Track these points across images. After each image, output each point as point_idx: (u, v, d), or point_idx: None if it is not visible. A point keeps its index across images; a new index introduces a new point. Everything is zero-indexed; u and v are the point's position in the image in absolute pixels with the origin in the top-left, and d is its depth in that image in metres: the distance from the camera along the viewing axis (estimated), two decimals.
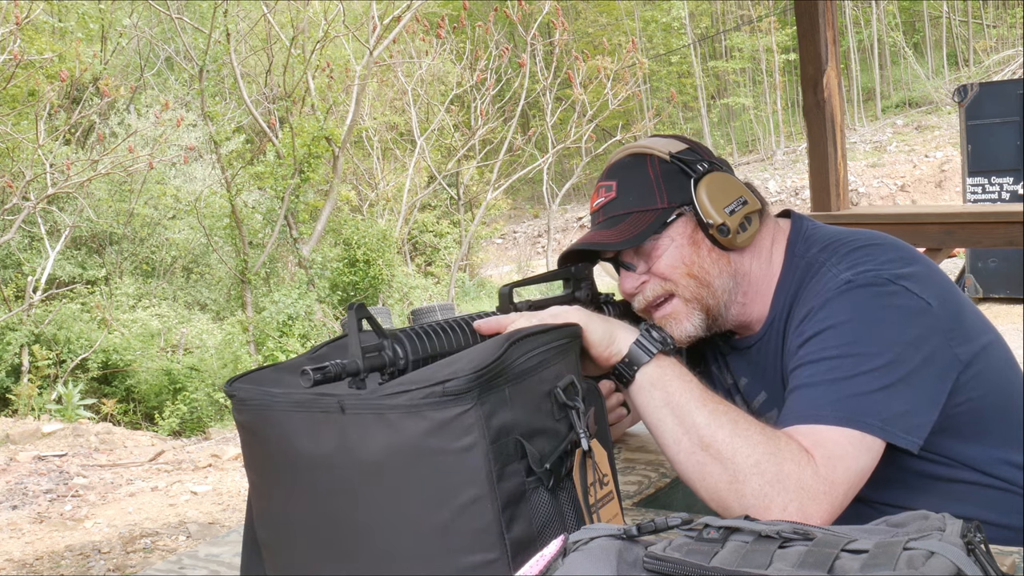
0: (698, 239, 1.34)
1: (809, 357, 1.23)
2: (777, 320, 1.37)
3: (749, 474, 1.11)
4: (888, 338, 1.21)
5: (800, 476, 1.11)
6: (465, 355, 0.95)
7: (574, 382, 1.01)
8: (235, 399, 1.00)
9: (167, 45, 12.62)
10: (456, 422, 0.89)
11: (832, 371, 1.20)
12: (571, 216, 23.53)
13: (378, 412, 0.90)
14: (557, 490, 0.96)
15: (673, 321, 1.35)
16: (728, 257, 1.35)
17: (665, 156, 1.35)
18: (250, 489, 1.05)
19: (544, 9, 13.81)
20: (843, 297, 1.25)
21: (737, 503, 1.12)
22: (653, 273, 1.35)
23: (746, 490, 1.11)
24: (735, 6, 25.77)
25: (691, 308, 1.35)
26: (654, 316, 1.37)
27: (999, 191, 8.55)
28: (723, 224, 1.32)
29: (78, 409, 8.16)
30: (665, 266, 1.34)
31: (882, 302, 1.23)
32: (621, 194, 1.35)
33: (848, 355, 1.20)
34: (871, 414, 1.16)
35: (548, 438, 0.97)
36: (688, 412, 1.15)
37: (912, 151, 20.20)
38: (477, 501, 0.89)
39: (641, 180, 1.35)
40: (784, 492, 1.10)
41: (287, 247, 11.56)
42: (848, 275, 1.27)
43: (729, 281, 1.36)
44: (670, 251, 1.33)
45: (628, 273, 1.37)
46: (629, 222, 1.33)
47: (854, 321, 1.22)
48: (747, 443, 1.12)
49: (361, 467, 0.91)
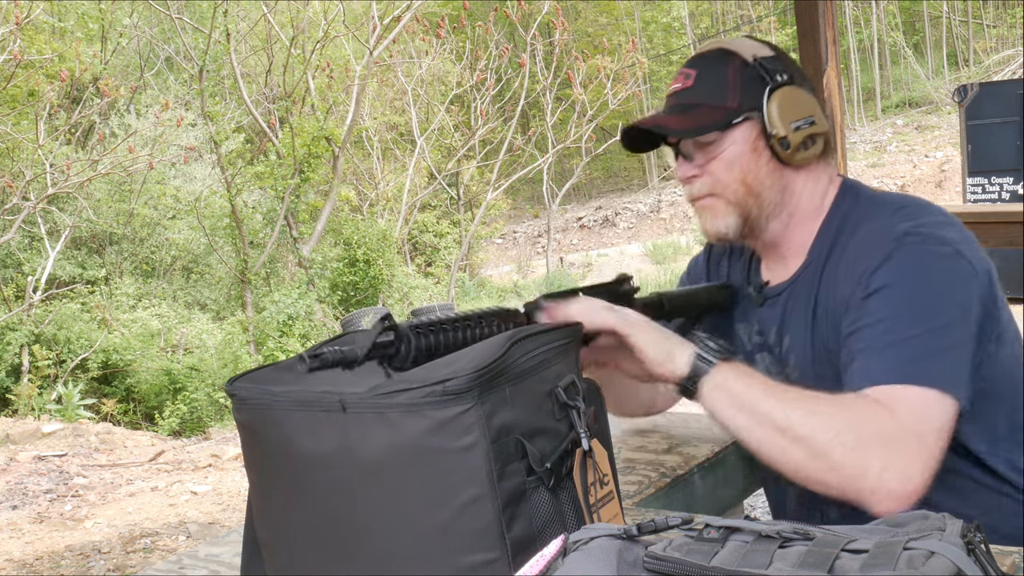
0: (759, 147, 1.34)
1: (875, 315, 1.23)
2: (814, 264, 1.37)
3: (832, 447, 1.12)
4: (948, 299, 1.22)
5: (882, 430, 1.12)
6: (466, 354, 0.95)
7: (575, 382, 1.01)
8: (235, 398, 1.00)
9: (167, 45, 12.62)
10: (456, 421, 0.88)
11: (899, 330, 1.20)
12: (571, 216, 23.54)
13: (379, 411, 0.90)
14: (558, 490, 0.96)
15: (710, 214, 1.37)
16: (783, 171, 1.36)
17: (748, 59, 1.35)
18: (250, 489, 1.05)
19: (544, 9, 13.82)
20: (903, 251, 1.25)
21: (833, 478, 1.13)
22: (707, 170, 1.36)
23: (835, 463, 1.11)
24: (735, 6, 25.78)
25: (729, 210, 1.36)
26: (695, 205, 1.40)
27: (999, 191, 8.55)
28: (785, 137, 1.33)
29: (78, 409, 8.16)
30: (720, 166, 1.35)
31: (940, 263, 1.24)
32: (697, 84, 1.36)
33: (913, 313, 1.21)
34: (942, 373, 1.17)
35: (549, 438, 0.96)
36: (756, 404, 1.18)
37: (912, 151, 20.22)
38: (477, 500, 0.89)
39: (719, 76, 1.35)
40: (871, 451, 1.11)
41: (287, 247, 11.56)
42: (906, 226, 1.27)
43: (778, 195, 1.37)
44: (728, 152, 1.34)
45: (684, 162, 1.37)
46: (697, 114, 1.34)
47: (916, 278, 1.24)
48: (821, 418, 1.14)
49: (362, 466, 0.91)
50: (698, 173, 1.36)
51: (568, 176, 17.69)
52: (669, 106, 1.38)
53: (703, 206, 1.38)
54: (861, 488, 1.11)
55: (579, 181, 20.99)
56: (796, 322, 1.39)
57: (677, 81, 1.39)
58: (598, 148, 15.05)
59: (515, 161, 14.75)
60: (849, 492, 1.12)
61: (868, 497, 1.11)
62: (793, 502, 1.45)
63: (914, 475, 1.11)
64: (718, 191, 1.36)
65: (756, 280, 1.48)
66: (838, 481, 1.12)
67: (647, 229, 22.18)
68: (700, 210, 1.39)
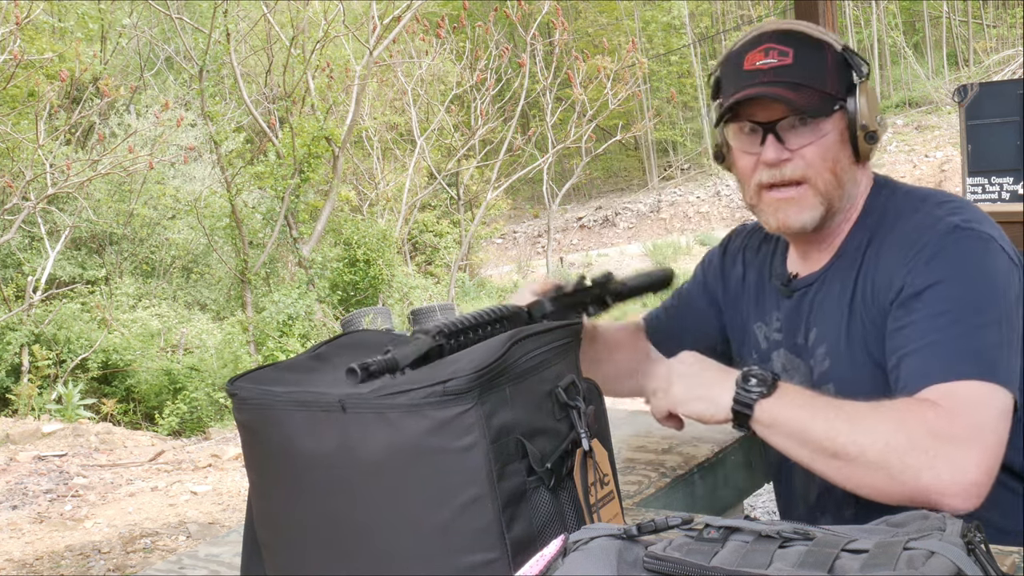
0: (846, 138, 1.32)
1: (929, 310, 1.22)
2: (850, 253, 1.35)
3: (885, 458, 1.10)
4: (1001, 295, 1.21)
5: (932, 427, 1.10)
6: (466, 354, 0.95)
7: (575, 382, 1.01)
8: (236, 398, 1.00)
9: (167, 45, 12.62)
10: (457, 421, 0.89)
11: (955, 326, 1.19)
12: (571, 216, 23.53)
13: (379, 411, 0.90)
14: (558, 490, 0.96)
15: (795, 207, 1.33)
16: (856, 165, 1.35)
17: (838, 48, 1.33)
18: (250, 489, 1.05)
19: (544, 9, 13.81)
20: (955, 245, 1.24)
21: (895, 489, 1.11)
22: (799, 155, 1.31)
23: (894, 473, 1.10)
24: (735, 6, 25.77)
25: (817, 201, 1.32)
26: (770, 195, 1.34)
27: (999, 191, 8.55)
28: (874, 132, 1.32)
29: (78, 409, 8.16)
30: (816, 153, 1.31)
31: (990, 257, 1.24)
32: (798, 64, 1.30)
33: (968, 309, 1.20)
34: (998, 367, 1.16)
35: (549, 438, 0.96)
36: (805, 435, 1.16)
37: (912, 151, 20.21)
38: (477, 501, 0.89)
39: (819, 59, 1.31)
40: (923, 452, 1.09)
41: (287, 247, 11.56)
42: (955, 220, 1.26)
43: (853, 189, 1.36)
44: (825, 139, 1.31)
45: (776, 144, 1.31)
46: (806, 94, 1.29)
47: (970, 273, 1.22)
48: (867, 432, 1.12)
49: (362, 466, 0.91)
50: (789, 157, 1.31)
51: (568, 176, 17.67)
52: (768, 81, 1.30)
53: (784, 198, 1.33)
54: (922, 488, 1.09)
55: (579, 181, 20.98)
56: (827, 314, 1.37)
57: (768, 57, 1.31)
58: (598, 148, 15.04)
59: (515, 161, 14.74)
60: (915, 495, 1.10)
61: (932, 496, 1.09)
62: (800, 507, 1.44)
63: (969, 467, 1.08)
64: (810, 178, 1.31)
65: (782, 272, 1.46)
66: (900, 487, 1.11)
67: (647, 229, 22.17)
68: (779, 203, 1.33)
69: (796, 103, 1.28)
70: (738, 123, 1.34)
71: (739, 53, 1.35)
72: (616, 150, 23.68)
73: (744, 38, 1.38)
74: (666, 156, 25.82)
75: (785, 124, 1.31)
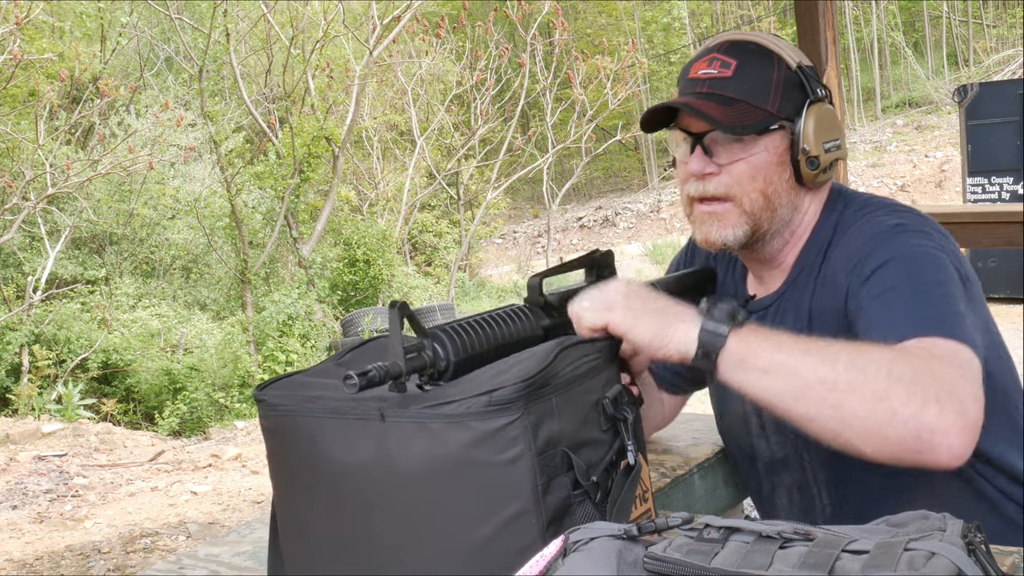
0: (785, 160, 1.27)
1: (882, 287, 1.17)
2: (804, 274, 1.32)
3: (892, 386, 0.99)
4: (946, 272, 1.18)
5: (934, 368, 1.03)
6: (511, 363, 0.91)
7: (622, 391, 0.97)
8: (264, 404, 0.96)
9: (167, 45, 12.63)
10: (502, 433, 0.85)
11: (912, 293, 1.15)
12: (571, 216, 23.53)
13: (419, 421, 0.86)
14: (603, 504, 0.92)
15: (718, 223, 1.28)
16: (798, 190, 1.30)
17: (793, 65, 1.28)
18: (275, 497, 1.01)
19: (544, 9, 13.82)
20: (897, 237, 1.22)
21: (894, 424, 0.99)
22: (727, 171, 1.26)
23: (897, 405, 0.98)
24: (735, 6, 25.78)
25: (742, 220, 1.27)
26: (698, 208, 1.29)
27: (999, 191, 8.56)
28: (816, 157, 1.26)
29: (78, 409, 8.16)
30: (745, 171, 1.25)
31: (932, 246, 1.21)
32: (738, 77, 1.25)
33: (921, 280, 1.16)
34: (963, 330, 1.11)
35: (594, 449, 0.93)
36: (797, 366, 1.03)
37: (912, 151, 20.20)
38: (522, 517, 0.85)
39: (764, 76, 1.26)
40: (930, 387, 1.00)
41: (287, 247, 11.56)
42: (896, 220, 1.24)
43: (789, 213, 1.30)
44: (757, 158, 1.25)
45: (703, 156, 1.26)
46: (737, 109, 1.24)
47: (914, 254, 1.19)
48: (873, 361, 1.02)
49: (399, 479, 0.87)
50: (716, 171, 1.26)
51: (568, 176, 17.67)
52: (699, 91, 1.27)
53: (710, 212, 1.28)
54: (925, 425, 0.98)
55: (579, 181, 20.98)
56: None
57: (711, 67, 1.27)
58: (598, 148, 15.05)
59: (515, 161, 14.75)
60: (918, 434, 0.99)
61: (933, 437, 0.99)
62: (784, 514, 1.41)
63: (968, 404, 1.01)
64: (735, 195, 1.26)
65: (742, 292, 1.43)
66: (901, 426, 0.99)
67: (647, 229, 22.17)
68: (705, 217, 1.28)
69: (714, 117, 1.22)
70: (675, 131, 1.31)
71: (693, 60, 1.32)
72: (616, 150, 23.68)
73: (707, 44, 1.36)
74: (666, 156, 25.78)
75: (715, 137, 1.26)
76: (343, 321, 10.62)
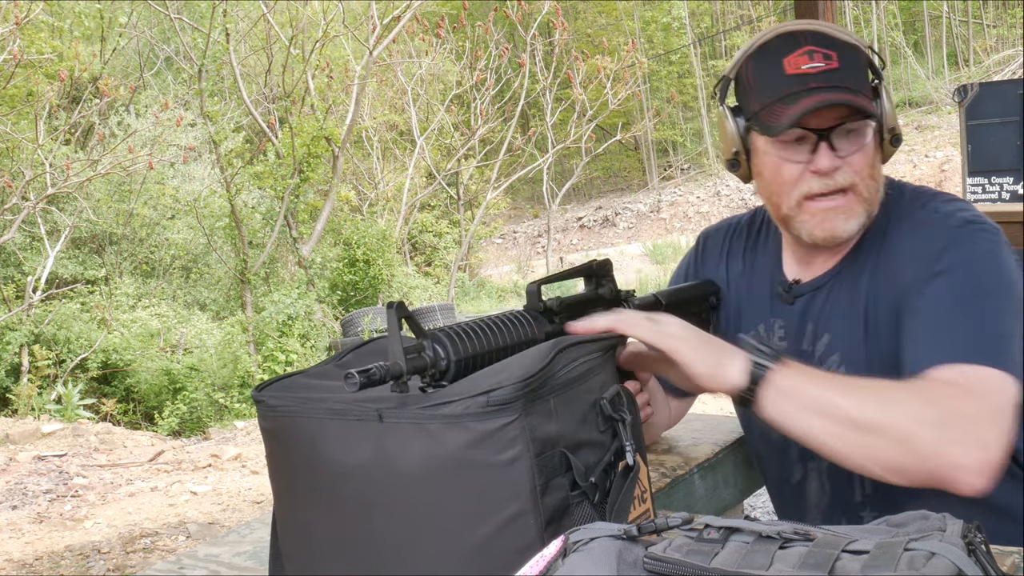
0: (877, 142, 1.29)
1: (939, 297, 1.20)
2: (861, 257, 1.32)
3: (916, 430, 1.06)
4: (1009, 287, 1.20)
5: (961, 408, 1.08)
6: (508, 364, 0.91)
7: (620, 392, 0.98)
8: (262, 405, 0.96)
9: (166, 45, 12.63)
10: (499, 434, 0.85)
11: (964, 313, 1.17)
12: (571, 216, 23.54)
13: (417, 422, 0.86)
14: (601, 505, 0.93)
15: (843, 215, 1.28)
16: (881, 168, 1.32)
17: (864, 48, 1.29)
18: (274, 498, 1.01)
19: (544, 9, 13.83)
20: (967, 238, 1.23)
21: (916, 463, 1.07)
22: (847, 163, 1.26)
23: (920, 447, 1.06)
24: (735, 6, 25.78)
25: (862, 208, 1.28)
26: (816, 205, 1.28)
27: (999, 191, 8.55)
28: (899, 134, 1.29)
29: (78, 409, 8.16)
30: (862, 159, 1.27)
31: (1001, 252, 1.23)
32: (843, 68, 1.25)
33: (977, 298, 1.18)
34: (1007, 355, 1.14)
35: (592, 450, 0.93)
36: (831, 404, 1.10)
37: (912, 151, 20.21)
38: (520, 517, 0.86)
39: (858, 64, 1.27)
40: (950, 426, 1.07)
41: (287, 247, 11.57)
42: (966, 215, 1.25)
43: (881, 193, 1.32)
44: (869, 145, 1.27)
45: (830, 152, 1.25)
46: (860, 99, 1.23)
47: (984, 261, 1.21)
48: (900, 404, 1.09)
49: (397, 479, 0.87)
50: (840, 164, 1.26)
51: (568, 176, 17.68)
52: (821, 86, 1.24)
53: (834, 206, 1.28)
54: (947, 462, 1.05)
55: (579, 181, 21.00)
56: (839, 319, 1.34)
57: (814, 60, 1.25)
58: (598, 148, 15.06)
59: (515, 161, 14.76)
60: (937, 471, 1.06)
61: (954, 473, 1.06)
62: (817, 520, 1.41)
63: (991, 444, 1.06)
64: (856, 185, 1.27)
65: (780, 278, 1.43)
66: (922, 463, 1.07)
67: (647, 229, 22.19)
68: (827, 212, 1.28)
69: (865, 108, 1.23)
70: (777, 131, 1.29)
71: (772, 55, 1.28)
72: (616, 150, 23.69)
73: (763, 39, 1.32)
74: (666, 156, 25.82)
75: (839, 131, 1.26)
76: (343, 321, 10.62)
